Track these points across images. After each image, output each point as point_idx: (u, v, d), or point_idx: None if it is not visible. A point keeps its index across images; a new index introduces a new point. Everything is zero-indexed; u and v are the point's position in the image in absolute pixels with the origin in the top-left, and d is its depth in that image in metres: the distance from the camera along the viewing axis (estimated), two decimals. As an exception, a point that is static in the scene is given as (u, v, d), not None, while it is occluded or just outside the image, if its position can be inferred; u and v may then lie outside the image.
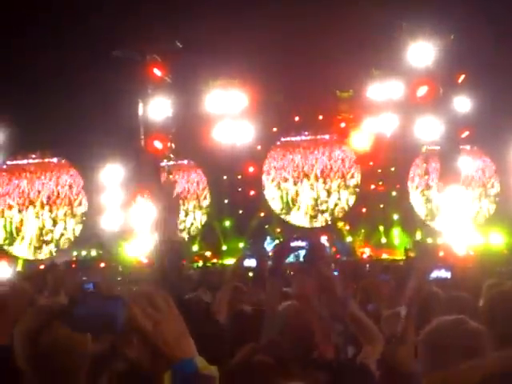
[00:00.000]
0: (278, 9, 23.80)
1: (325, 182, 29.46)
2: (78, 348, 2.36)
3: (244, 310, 5.48)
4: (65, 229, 29.22)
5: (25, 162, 29.72)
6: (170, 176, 26.05)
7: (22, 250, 28.97)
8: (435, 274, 4.75)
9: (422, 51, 23.34)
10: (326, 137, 29.76)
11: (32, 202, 29.54)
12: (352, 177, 29.27)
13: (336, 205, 29.15)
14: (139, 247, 23.34)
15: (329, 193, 29.29)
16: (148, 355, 1.52)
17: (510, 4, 22.08)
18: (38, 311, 2.57)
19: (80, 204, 29.27)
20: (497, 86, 22.57)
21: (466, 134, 24.22)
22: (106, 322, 1.53)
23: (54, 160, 29.77)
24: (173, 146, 25.57)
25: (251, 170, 28.93)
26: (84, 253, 26.98)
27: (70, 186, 29.59)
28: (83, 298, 1.58)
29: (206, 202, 30.38)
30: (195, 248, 28.65)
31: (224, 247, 28.47)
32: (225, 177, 29.37)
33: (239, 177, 29.47)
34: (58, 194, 29.57)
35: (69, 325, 1.62)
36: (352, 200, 29.09)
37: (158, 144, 24.07)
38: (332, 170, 29.54)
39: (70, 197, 29.42)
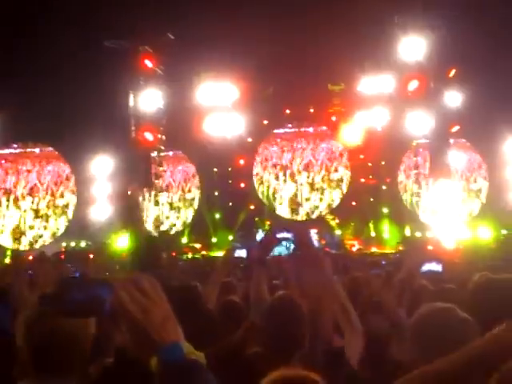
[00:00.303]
0: (270, 2, 23.78)
1: (308, 176, 29.28)
2: (78, 337, 2.37)
3: (233, 301, 5.50)
4: (46, 221, 28.50)
5: (6, 151, 29.26)
6: (160, 168, 25.99)
7: (5, 240, 28.31)
8: (427, 267, 4.77)
9: (413, 45, 23.36)
10: (310, 129, 29.58)
11: (8, 193, 28.88)
12: (336, 170, 29.09)
13: (321, 199, 28.99)
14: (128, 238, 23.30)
15: (312, 186, 29.08)
16: (135, 339, 1.53)
17: (505, 2, 22.14)
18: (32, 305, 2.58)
19: (62, 196, 28.60)
20: (487, 80, 22.64)
21: (456, 128, 24.29)
22: (94, 307, 1.54)
23: (37, 150, 29.22)
24: (163, 137, 25.52)
25: (242, 162, 28.92)
26: (73, 244, 26.91)
27: (55, 177, 28.98)
28: (71, 284, 1.59)
29: (190, 195, 30.08)
30: (184, 240, 28.66)
31: (214, 239, 28.51)
32: (215, 169, 29.38)
33: (229, 169, 29.48)
34: (41, 184, 28.88)
35: (59, 310, 1.63)
36: (337, 194, 28.85)
37: (148, 135, 24.02)
38: (314, 164, 29.34)
39: (52, 188, 28.78)
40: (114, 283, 1.52)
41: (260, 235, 26.74)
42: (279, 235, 22.48)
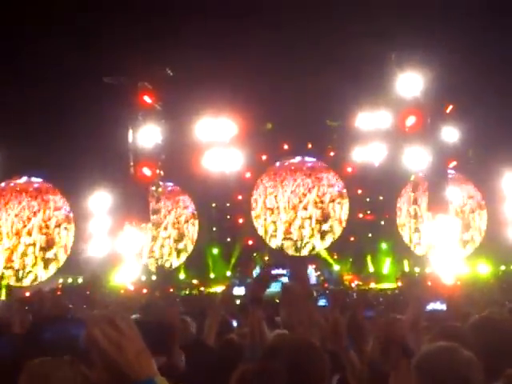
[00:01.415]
0: (269, 38, 23.99)
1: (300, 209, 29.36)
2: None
3: (232, 339, 5.45)
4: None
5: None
6: (158, 203, 26.00)
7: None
8: (431, 306, 4.74)
9: (410, 82, 23.53)
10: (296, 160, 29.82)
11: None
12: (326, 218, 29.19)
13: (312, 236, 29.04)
14: (126, 274, 23.19)
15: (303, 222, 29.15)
16: (109, 376, 1.52)
17: (498, 35, 22.37)
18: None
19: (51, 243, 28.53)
20: (484, 116, 22.78)
21: (453, 164, 24.37)
22: (69, 344, 1.56)
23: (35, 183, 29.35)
24: (162, 173, 25.56)
25: (240, 197, 28.96)
26: (70, 280, 26.74)
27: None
28: (47, 323, 1.62)
29: (188, 231, 29.98)
30: (182, 276, 28.51)
31: (212, 275, 28.37)
32: (214, 204, 29.37)
33: (228, 204, 29.48)
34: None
35: (34, 349, 1.63)
36: (327, 241, 28.98)
37: (147, 171, 24.04)
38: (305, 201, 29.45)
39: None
40: (87, 321, 1.53)
41: (257, 271, 26.66)
42: (274, 271, 22.46)
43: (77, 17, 23.76)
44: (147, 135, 24.55)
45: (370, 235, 28.74)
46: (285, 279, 19.18)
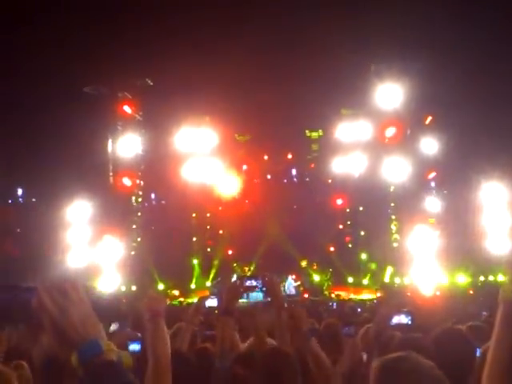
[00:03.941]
0: (249, 50, 24.06)
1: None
2: None
3: (206, 348, 5.43)
4: None
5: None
6: (138, 213, 25.87)
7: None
8: (395, 319, 4.74)
9: (389, 93, 23.68)
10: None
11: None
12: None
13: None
14: (105, 285, 23.04)
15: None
16: (56, 339, 1.58)
17: (476, 49, 22.60)
18: None
19: None
20: (463, 128, 22.94)
21: (433, 174, 24.51)
22: (21, 310, 1.62)
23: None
24: (141, 183, 25.49)
25: (220, 208, 28.92)
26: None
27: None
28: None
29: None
30: (161, 287, 28.32)
31: (192, 285, 28.26)
32: (193, 214, 29.29)
33: (208, 215, 29.43)
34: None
35: None
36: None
37: (126, 181, 23.97)
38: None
39: None
40: (38, 287, 1.58)
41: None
42: (248, 283, 22.42)
43: (56, 27, 23.68)
44: (127, 145, 24.48)
45: (349, 246, 28.81)
46: (257, 292, 19.12)
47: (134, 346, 6.11)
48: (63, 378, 3.01)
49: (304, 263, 28.99)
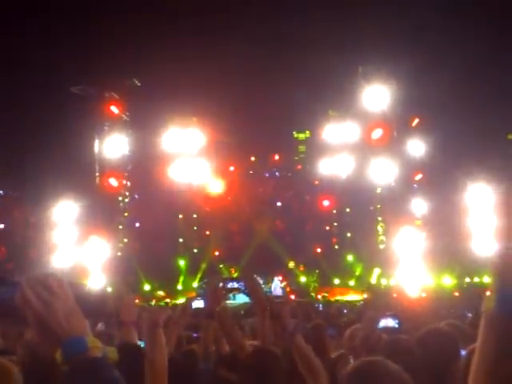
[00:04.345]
0: (237, 50, 24.10)
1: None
2: None
3: (193, 350, 5.43)
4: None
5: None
6: (125, 214, 25.78)
7: None
8: (383, 322, 4.76)
9: (377, 95, 23.72)
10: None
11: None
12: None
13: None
14: (92, 285, 22.92)
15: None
16: (40, 334, 1.56)
17: (463, 51, 22.72)
18: None
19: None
20: (449, 130, 23.06)
21: (419, 176, 24.60)
22: (5, 306, 1.60)
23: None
24: (128, 183, 25.40)
25: (207, 209, 28.88)
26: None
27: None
28: None
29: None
30: (147, 287, 28.21)
31: (179, 286, 28.19)
32: (180, 215, 29.22)
33: (195, 216, 29.38)
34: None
35: None
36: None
37: (113, 181, 23.88)
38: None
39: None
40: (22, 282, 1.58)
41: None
42: (229, 285, 22.41)
43: (44, 27, 23.60)
44: (114, 145, 24.36)
45: (336, 247, 28.85)
46: (240, 293, 19.14)
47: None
48: (50, 376, 3.01)
49: (291, 264, 28.98)
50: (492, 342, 1.20)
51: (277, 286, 26.51)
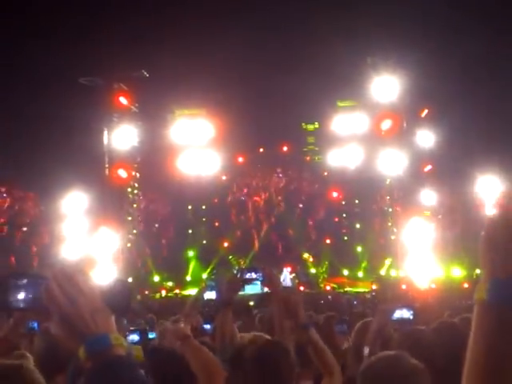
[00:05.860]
0: (245, 41, 24.03)
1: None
2: None
3: (205, 342, 5.42)
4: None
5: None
6: (134, 205, 25.82)
7: None
8: (397, 313, 4.73)
9: (386, 85, 23.61)
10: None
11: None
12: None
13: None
14: (100, 277, 22.97)
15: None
16: (64, 331, 1.53)
17: (472, 41, 22.58)
18: None
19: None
20: (459, 121, 22.94)
21: (428, 167, 24.51)
22: (32, 299, 1.58)
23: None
24: (137, 175, 25.42)
25: (216, 200, 28.92)
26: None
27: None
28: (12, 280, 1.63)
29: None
30: (156, 278, 28.28)
31: (188, 278, 28.26)
32: (189, 207, 29.27)
33: (204, 207, 29.40)
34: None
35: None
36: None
37: (122, 173, 23.89)
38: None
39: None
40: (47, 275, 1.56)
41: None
42: (247, 275, 22.44)
43: (51, 18, 23.59)
44: (123, 137, 24.35)
45: (345, 238, 28.83)
46: (254, 284, 19.13)
47: (134, 337, 6.13)
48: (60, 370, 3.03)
49: (306, 255, 28.96)
50: (484, 330, 1.20)
51: (286, 276, 26.51)
